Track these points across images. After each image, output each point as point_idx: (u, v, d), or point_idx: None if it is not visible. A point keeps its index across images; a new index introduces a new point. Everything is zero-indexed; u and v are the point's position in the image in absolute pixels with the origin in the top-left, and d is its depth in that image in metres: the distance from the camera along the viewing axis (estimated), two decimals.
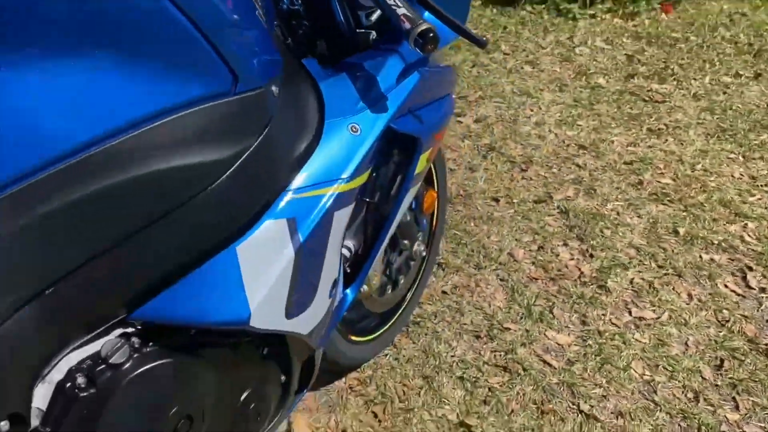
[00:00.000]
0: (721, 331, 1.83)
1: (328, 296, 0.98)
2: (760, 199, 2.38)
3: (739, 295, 1.97)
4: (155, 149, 0.73)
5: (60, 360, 0.76)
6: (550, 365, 1.69)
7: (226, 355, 0.90)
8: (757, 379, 1.69)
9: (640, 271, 2.02)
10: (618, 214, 2.27)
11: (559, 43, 3.55)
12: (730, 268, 2.07)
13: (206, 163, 0.77)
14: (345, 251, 1.10)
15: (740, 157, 2.64)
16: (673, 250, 2.12)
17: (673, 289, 1.97)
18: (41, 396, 0.75)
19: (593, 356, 1.72)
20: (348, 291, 1.09)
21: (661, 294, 1.94)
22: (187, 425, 0.84)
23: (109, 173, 0.70)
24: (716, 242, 2.16)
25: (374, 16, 1.02)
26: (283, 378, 1.02)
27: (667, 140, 2.73)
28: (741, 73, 3.35)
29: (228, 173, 0.79)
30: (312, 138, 0.90)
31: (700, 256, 2.10)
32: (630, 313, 1.87)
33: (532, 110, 2.90)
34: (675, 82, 3.22)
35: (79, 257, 0.72)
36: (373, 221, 1.10)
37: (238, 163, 0.80)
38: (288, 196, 0.86)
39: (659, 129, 2.80)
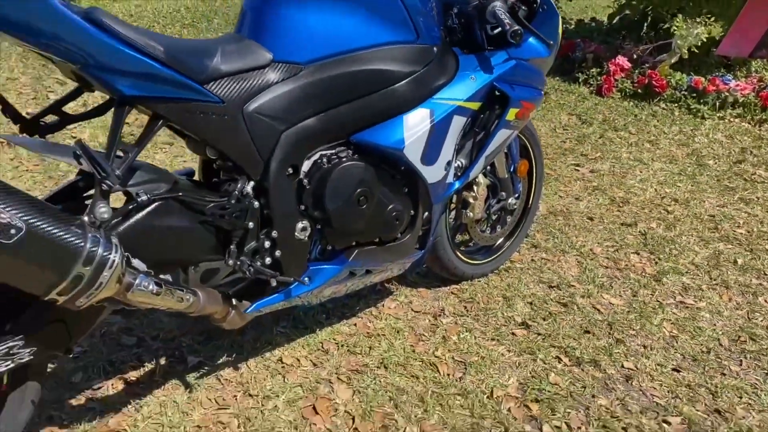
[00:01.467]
0: (747, 324, 2.33)
1: (443, 169, 1.79)
2: None
3: None
4: (374, 60, 1.61)
5: (317, 151, 1.63)
6: (599, 311, 2.31)
7: (387, 177, 1.73)
8: (766, 354, 2.18)
9: (693, 279, 2.57)
10: (689, 243, 2.83)
11: (682, 132, 4.16)
12: None
13: (396, 72, 1.64)
14: (459, 163, 1.91)
15: None
16: (728, 272, 2.64)
17: (718, 293, 2.49)
18: (306, 165, 1.61)
19: (635, 313, 2.31)
20: (456, 182, 1.89)
21: (705, 293, 2.48)
22: (364, 200, 1.67)
23: (354, 65, 1.59)
24: None
25: (496, 31, 1.88)
26: (411, 212, 1.83)
27: (754, 208, 3.22)
28: None
29: (405, 80, 1.65)
30: (449, 77, 1.75)
31: (751, 280, 2.60)
32: (674, 298, 2.43)
33: (641, 172, 3.54)
34: None
35: (336, 102, 1.60)
36: (476, 145, 1.90)
37: (410, 77, 1.66)
38: (432, 100, 1.71)
39: (750, 199, 3.31)
